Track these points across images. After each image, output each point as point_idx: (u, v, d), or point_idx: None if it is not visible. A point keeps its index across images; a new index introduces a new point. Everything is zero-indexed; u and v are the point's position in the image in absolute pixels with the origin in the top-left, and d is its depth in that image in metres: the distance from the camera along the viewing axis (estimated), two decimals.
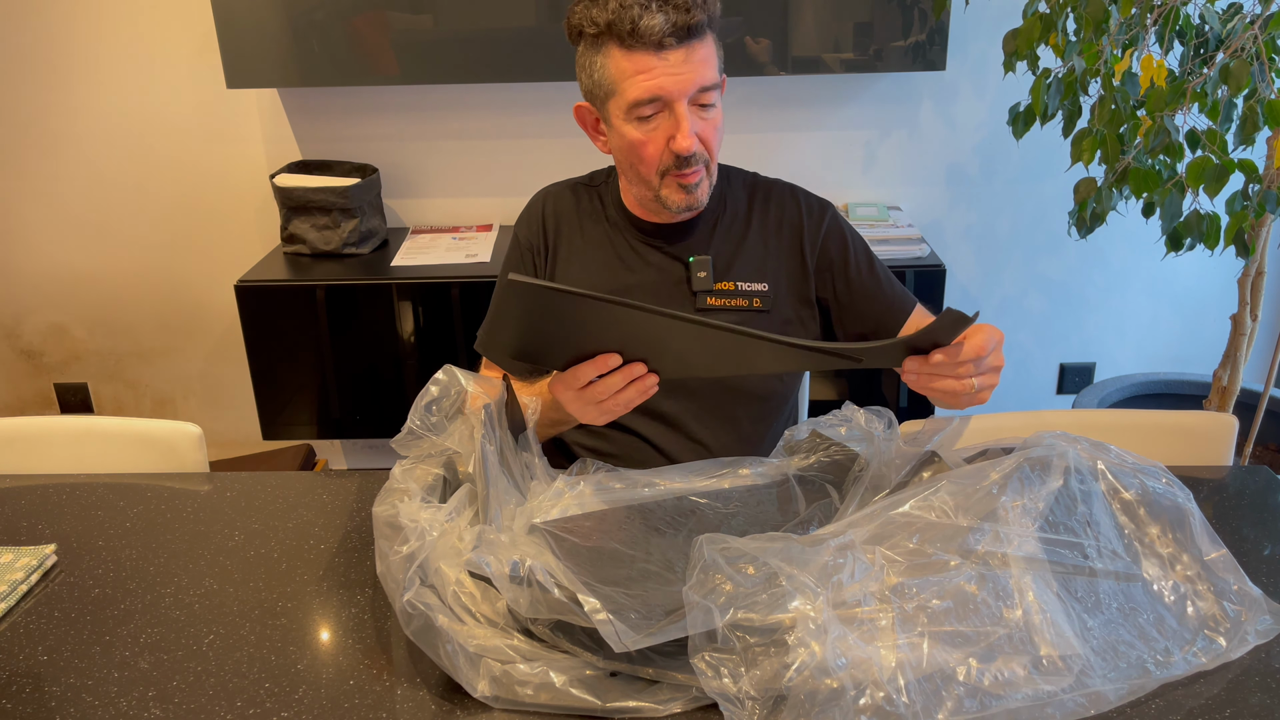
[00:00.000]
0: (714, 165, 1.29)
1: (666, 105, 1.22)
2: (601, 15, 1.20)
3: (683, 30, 1.18)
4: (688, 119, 1.21)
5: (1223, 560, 1.00)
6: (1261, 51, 1.63)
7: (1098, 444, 1.03)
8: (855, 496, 1.07)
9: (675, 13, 1.17)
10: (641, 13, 1.17)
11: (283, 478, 1.34)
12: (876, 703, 0.81)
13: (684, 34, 1.18)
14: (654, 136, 1.24)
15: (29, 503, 1.29)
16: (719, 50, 1.25)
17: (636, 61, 1.20)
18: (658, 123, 1.23)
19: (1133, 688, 0.89)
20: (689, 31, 1.18)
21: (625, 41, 1.19)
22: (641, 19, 1.17)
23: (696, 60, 1.20)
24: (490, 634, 0.91)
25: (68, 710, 0.92)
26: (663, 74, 1.19)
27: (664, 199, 1.29)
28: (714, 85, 1.23)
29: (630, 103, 1.22)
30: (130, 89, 2.56)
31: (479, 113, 2.58)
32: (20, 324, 2.83)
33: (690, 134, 1.22)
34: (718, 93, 1.25)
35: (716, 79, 1.23)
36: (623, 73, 1.21)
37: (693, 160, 1.24)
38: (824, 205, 1.41)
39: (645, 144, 1.25)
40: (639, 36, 1.18)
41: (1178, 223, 1.75)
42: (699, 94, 1.22)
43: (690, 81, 1.20)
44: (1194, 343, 2.75)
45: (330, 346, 2.40)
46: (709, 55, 1.22)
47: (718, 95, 1.25)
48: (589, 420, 1.11)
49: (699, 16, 1.18)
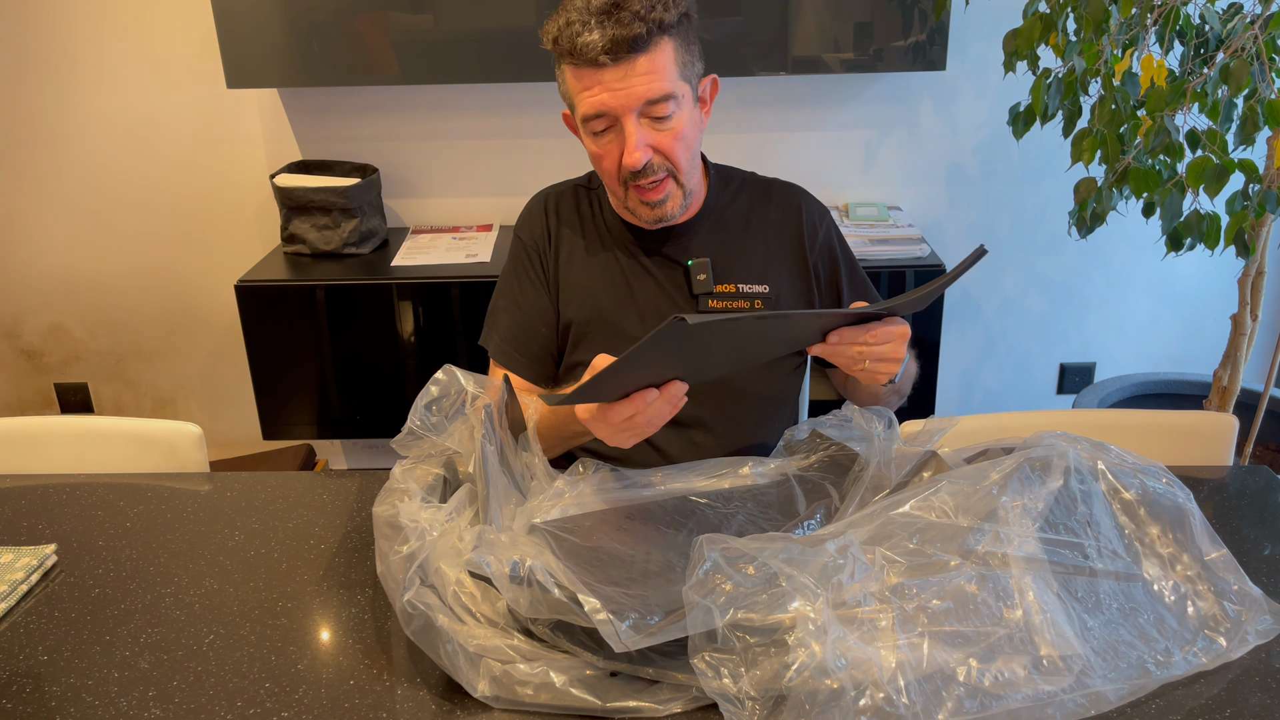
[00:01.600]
0: (683, 174, 1.27)
1: (614, 120, 1.21)
2: (551, 32, 1.21)
3: (622, 44, 1.16)
4: (636, 133, 1.21)
5: (1223, 560, 1.00)
6: (1261, 51, 1.63)
7: (1098, 444, 1.03)
8: (855, 496, 1.07)
9: (614, 27, 1.15)
10: (581, 29, 1.16)
11: (283, 478, 1.34)
12: (876, 703, 0.81)
13: (624, 49, 1.16)
14: (608, 150, 1.24)
15: (29, 503, 1.29)
16: (684, 55, 1.22)
17: (582, 78, 1.20)
18: (610, 136, 1.23)
19: (1133, 688, 0.89)
20: (630, 45, 1.16)
21: (570, 58, 1.20)
22: (579, 37, 1.17)
23: (639, 74, 1.18)
24: (490, 634, 0.91)
25: (68, 710, 0.92)
26: (604, 90, 1.19)
27: (632, 209, 1.30)
28: (664, 96, 1.20)
29: (582, 117, 1.23)
30: (131, 89, 2.56)
31: (479, 113, 2.58)
32: (20, 324, 2.83)
33: (636, 149, 1.21)
34: (676, 102, 1.21)
35: (667, 90, 1.20)
36: (573, 89, 1.22)
37: (647, 172, 1.24)
38: (823, 212, 1.42)
39: (602, 157, 1.26)
40: (578, 55, 1.18)
41: (1178, 223, 1.75)
42: (648, 107, 1.20)
43: (633, 96, 1.19)
44: (1194, 343, 2.75)
45: (330, 346, 2.40)
46: (657, 66, 1.19)
47: (676, 105, 1.22)
48: (619, 444, 1.09)
49: (638, 29, 1.16)
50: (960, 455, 1.09)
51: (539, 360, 1.39)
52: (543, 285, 1.39)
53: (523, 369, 1.38)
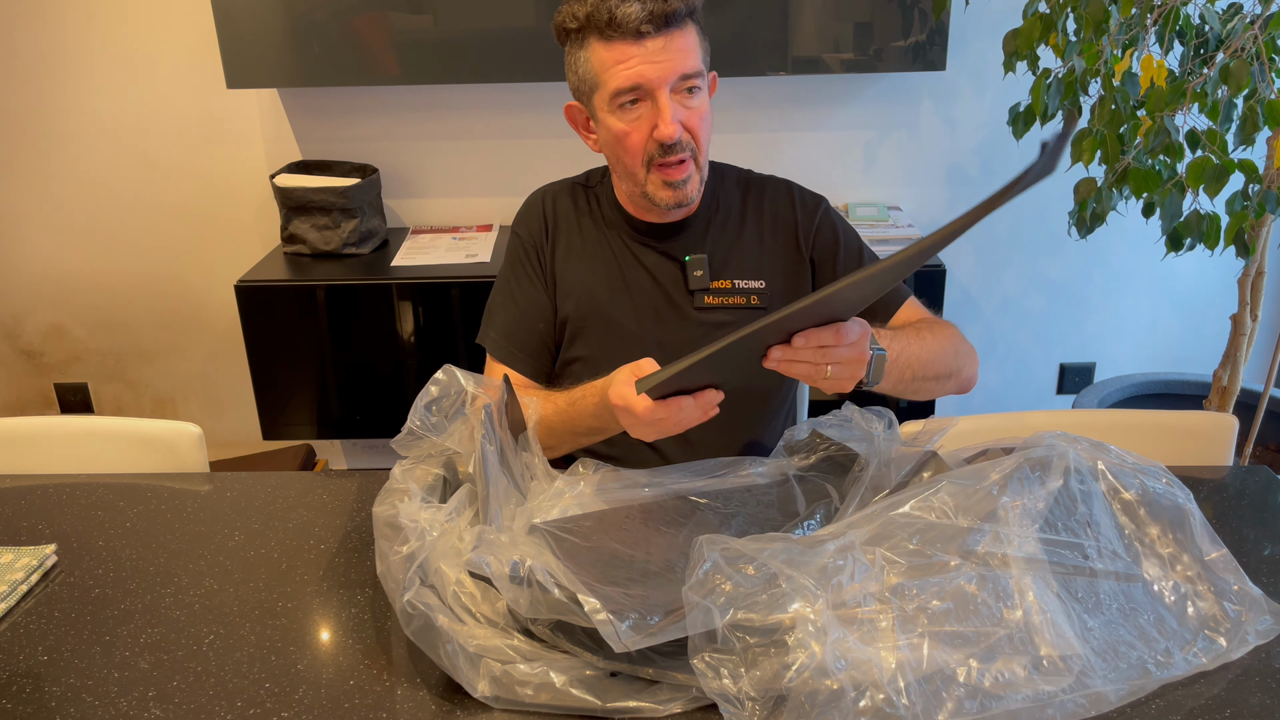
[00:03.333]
0: (703, 159, 1.29)
1: (648, 94, 1.22)
2: (581, 9, 1.21)
3: (660, 18, 1.19)
4: (670, 106, 1.22)
5: (1223, 560, 1.00)
6: (1261, 51, 1.63)
7: (1098, 444, 1.03)
8: (855, 497, 1.07)
9: (653, 1, 1.18)
10: (619, 2, 1.18)
11: (283, 478, 1.34)
12: (876, 704, 0.81)
13: (662, 22, 1.19)
14: (637, 126, 1.24)
15: (29, 503, 1.29)
16: (703, 43, 1.26)
17: (616, 51, 1.21)
18: (640, 111, 1.24)
19: (1133, 688, 0.89)
20: (667, 20, 1.19)
21: (604, 33, 1.21)
22: (619, 8, 1.18)
23: (675, 48, 1.21)
24: (490, 634, 0.91)
25: (68, 710, 0.92)
26: (642, 62, 1.20)
27: (651, 195, 1.29)
28: (696, 73, 1.23)
29: (612, 93, 1.23)
30: (130, 89, 2.56)
31: (479, 113, 2.58)
32: (20, 324, 2.83)
33: (672, 121, 1.22)
34: (702, 81, 1.25)
35: (698, 68, 1.23)
36: (604, 64, 1.22)
37: (677, 148, 1.24)
38: (817, 199, 1.41)
39: (629, 134, 1.25)
40: (617, 26, 1.19)
41: (1178, 223, 1.75)
42: (681, 82, 1.22)
43: (670, 69, 1.21)
44: (1194, 343, 2.75)
45: (330, 346, 2.40)
46: (689, 45, 1.22)
47: (703, 84, 1.25)
48: (640, 436, 1.09)
49: (676, 5, 1.19)
50: (960, 455, 1.09)
51: (537, 356, 1.39)
52: (540, 281, 1.39)
53: (521, 364, 1.38)
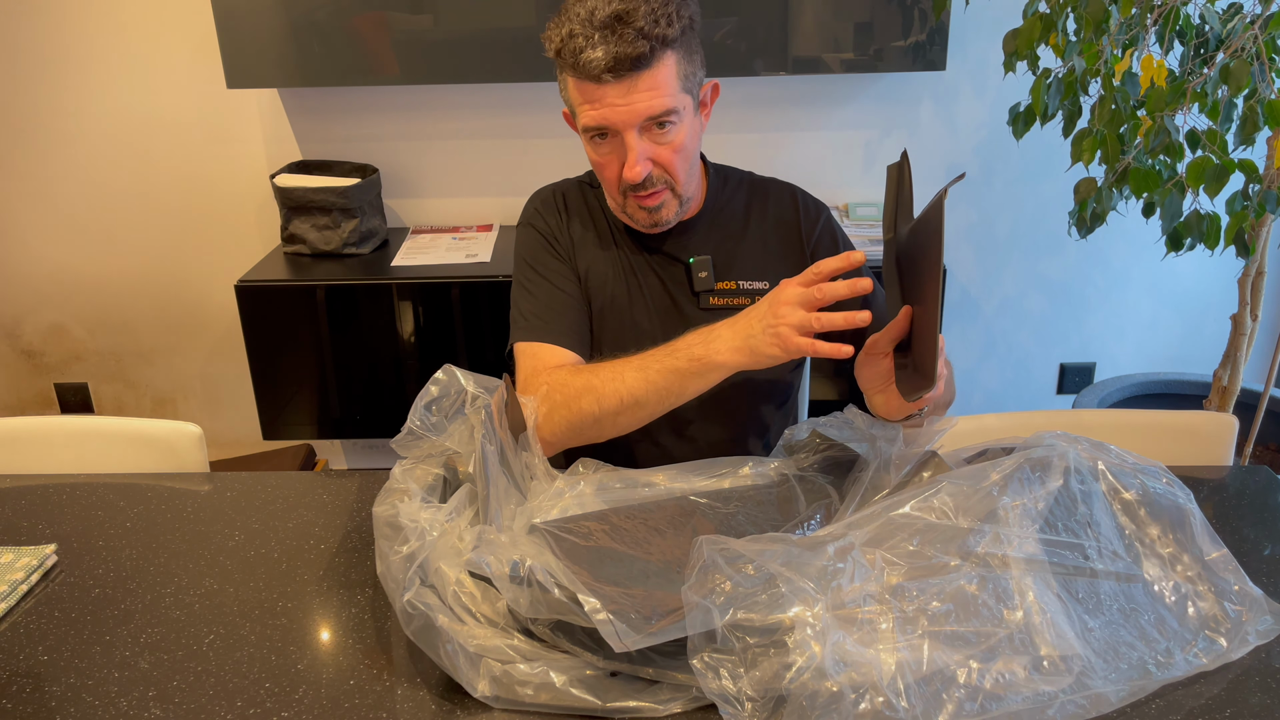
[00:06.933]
0: (680, 185, 1.28)
1: (616, 133, 1.22)
2: (554, 39, 1.20)
3: (625, 62, 1.16)
4: (637, 147, 1.21)
5: (1223, 560, 1.00)
6: (1261, 51, 1.63)
7: (1098, 444, 1.03)
8: (855, 497, 1.07)
9: (618, 45, 1.15)
10: (584, 44, 1.16)
11: (283, 478, 1.34)
12: (876, 707, 0.81)
13: (626, 66, 1.16)
14: (609, 160, 1.25)
15: (29, 503, 1.29)
16: (687, 67, 1.22)
17: (584, 91, 1.20)
18: (611, 147, 1.24)
19: (1134, 689, 0.89)
20: (633, 64, 1.16)
21: (572, 71, 1.20)
22: (583, 52, 1.16)
23: (642, 90, 1.18)
24: (490, 634, 0.91)
25: (68, 710, 0.92)
26: (606, 106, 1.19)
27: (630, 214, 1.31)
28: (667, 112, 1.20)
29: (582, 128, 1.24)
30: (130, 89, 2.56)
31: (479, 113, 2.58)
32: (20, 324, 2.83)
33: (637, 164, 1.21)
34: (677, 116, 1.22)
35: (669, 105, 1.20)
36: (575, 99, 1.23)
37: (646, 184, 1.25)
38: (820, 206, 1.42)
39: (603, 166, 1.27)
40: (580, 69, 1.18)
41: (1178, 223, 1.75)
42: (649, 122, 1.21)
43: (634, 114, 1.19)
44: (1194, 343, 2.75)
45: (330, 346, 2.40)
46: (660, 82, 1.19)
47: (678, 119, 1.22)
48: (788, 319, 1.07)
49: (641, 48, 1.15)
50: (960, 455, 1.09)
51: (580, 331, 1.34)
52: (568, 265, 1.37)
53: (567, 339, 1.31)
